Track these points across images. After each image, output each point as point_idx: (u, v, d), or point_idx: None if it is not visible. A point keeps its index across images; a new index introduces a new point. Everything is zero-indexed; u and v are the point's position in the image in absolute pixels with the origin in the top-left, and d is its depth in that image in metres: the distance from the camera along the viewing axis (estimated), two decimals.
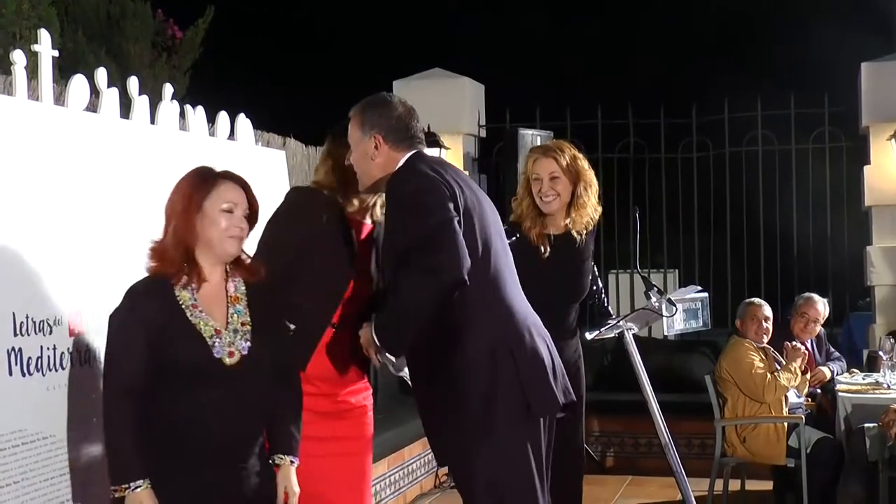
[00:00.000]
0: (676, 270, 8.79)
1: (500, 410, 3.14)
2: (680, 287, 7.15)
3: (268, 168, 4.68)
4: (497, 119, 8.65)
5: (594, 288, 4.54)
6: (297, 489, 3.03)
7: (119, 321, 2.87)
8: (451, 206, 3.08)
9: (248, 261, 3.02)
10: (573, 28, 13.56)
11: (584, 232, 4.28)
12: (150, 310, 2.84)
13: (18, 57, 3.27)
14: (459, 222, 3.07)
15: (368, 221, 3.48)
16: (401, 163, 3.22)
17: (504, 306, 3.21)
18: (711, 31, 13.25)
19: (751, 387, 5.53)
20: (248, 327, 2.94)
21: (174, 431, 2.83)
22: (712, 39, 13.13)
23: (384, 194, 3.30)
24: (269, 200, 4.57)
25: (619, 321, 4.40)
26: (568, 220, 4.23)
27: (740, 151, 8.32)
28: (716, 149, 8.40)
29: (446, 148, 8.09)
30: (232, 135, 4.51)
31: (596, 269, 4.55)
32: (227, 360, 2.87)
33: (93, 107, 3.61)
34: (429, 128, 8.05)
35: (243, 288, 2.98)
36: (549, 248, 4.18)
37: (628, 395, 5.28)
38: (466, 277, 3.00)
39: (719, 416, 5.68)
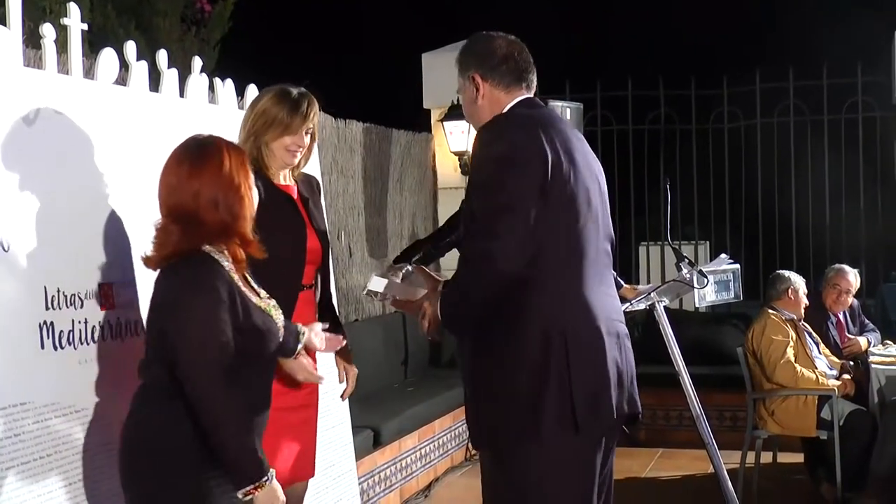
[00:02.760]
0: (707, 242, 8.73)
1: (548, 409, 2.82)
2: (711, 259, 7.11)
3: None
4: None
5: None
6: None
7: (205, 307, 2.67)
8: (536, 183, 2.78)
9: None
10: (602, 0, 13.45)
11: None
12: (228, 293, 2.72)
13: (48, 31, 3.27)
14: (543, 198, 2.77)
15: (292, 184, 3.41)
16: (508, 107, 2.98)
17: (577, 296, 2.87)
18: (741, 0, 13.10)
19: (765, 362, 5.51)
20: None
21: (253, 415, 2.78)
22: (744, 9, 12.97)
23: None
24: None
25: (648, 293, 4.37)
26: None
27: (772, 122, 8.24)
28: (747, 119, 8.32)
29: None
30: None
31: None
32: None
33: (122, 80, 3.61)
34: (458, 100, 8.02)
35: None
36: None
37: (659, 367, 5.25)
38: (516, 268, 2.77)
39: (751, 388, 5.65)
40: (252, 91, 4.37)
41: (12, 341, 2.88)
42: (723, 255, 4.90)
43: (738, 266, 4.76)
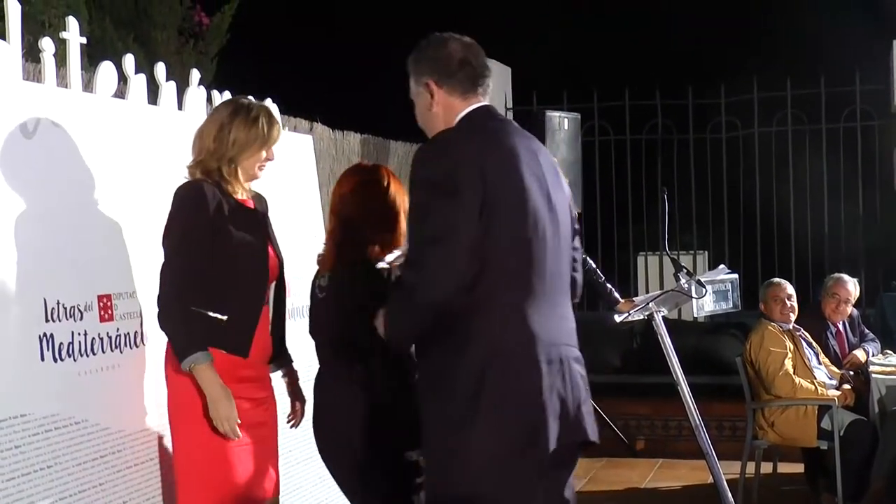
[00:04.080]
0: (706, 252, 8.74)
1: (478, 439, 2.66)
2: (709, 269, 7.12)
3: (295, 152, 4.68)
4: (524, 101, 8.62)
5: (586, 269, 4.43)
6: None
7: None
8: (470, 210, 2.61)
9: None
10: (599, 9, 13.47)
11: None
12: None
13: (47, 44, 3.28)
14: (482, 222, 2.62)
15: (248, 198, 3.33)
16: (461, 115, 2.82)
17: (518, 323, 2.70)
18: (738, 9, 13.13)
19: (763, 374, 5.51)
20: None
21: None
22: (741, 18, 13.00)
23: None
24: (297, 185, 4.58)
25: (647, 303, 4.37)
26: None
27: (770, 132, 8.25)
28: (745, 129, 8.34)
29: None
30: None
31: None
32: None
33: (121, 93, 3.62)
34: None
35: None
36: None
37: (657, 377, 5.29)
38: (445, 297, 2.63)
39: (750, 398, 5.64)
40: None
41: (12, 353, 2.88)
42: (721, 266, 4.92)
43: (736, 276, 4.77)
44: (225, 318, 3.13)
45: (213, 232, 3.12)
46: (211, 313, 3.11)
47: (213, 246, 3.12)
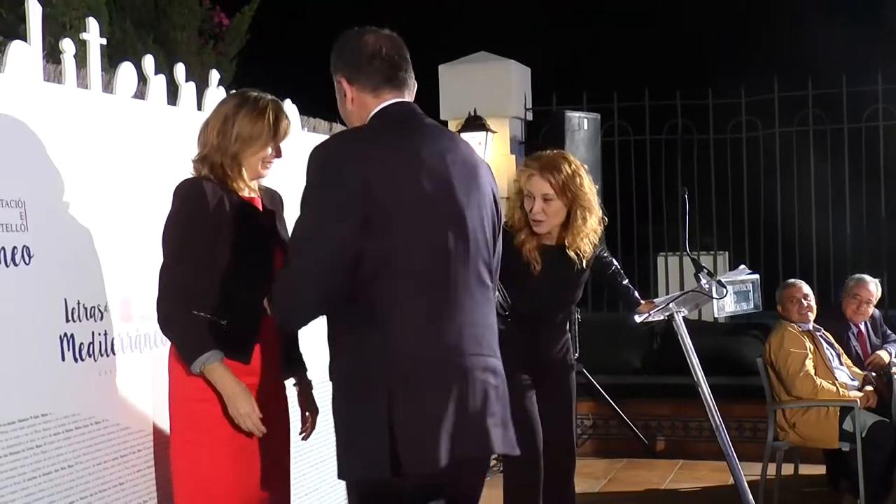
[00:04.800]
0: (726, 252, 8.69)
1: (363, 446, 2.59)
2: (730, 269, 7.08)
3: None
4: (544, 102, 8.59)
5: (610, 271, 4.43)
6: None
7: None
8: (350, 213, 2.53)
9: None
10: (619, 9, 13.44)
11: (584, 258, 4.04)
12: None
13: (68, 45, 3.30)
14: (369, 226, 2.53)
15: (257, 196, 3.21)
16: (372, 114, 2.71)
17: (416, 330, 2.60)
18: (759, 8, 13.08)
19: (783, 375, 5.48)
20: None
21: None
22: (761, 17, 12.95)
23: None
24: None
25: (667, 303, 4.35)
26: (564, 235, 4.00)
27: (791, 131, 8.20)
28: (765, 129, 8.29)
29: (493, 132, 8.05)
30: None
31: (606, 250, 4.37)
32: None
33: (140, 94, 3.64)
34: (475, 111, 8.02)
35: None
36: (539, 265, 3.97)
37: (677, 378, 5.25)
38: (319, 297, 2.59)
39: (771, 399, 5.61)
40: None
41: (33, 353, 2.90)
42: (742, 266, 4.89)
43: (757, 276, 4.74)
44: (224, 322, 2.98)
45: (212, 232, 2.99)
46: (210, 317, 2.97)
47: (213, 247, 2.99)
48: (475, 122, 8.01)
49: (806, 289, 5.73)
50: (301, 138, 4.70)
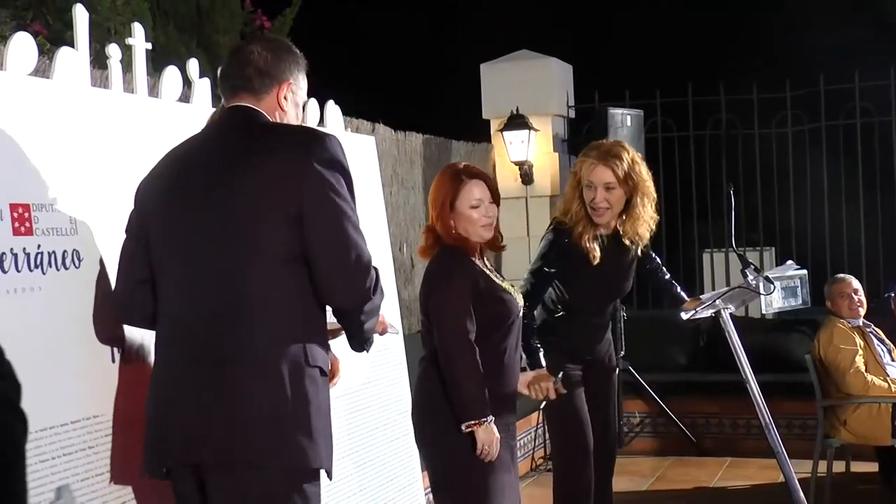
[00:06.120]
0: (773, 248, 8.60)
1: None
2: (776, 265, 7.01)
3: (358, 154, 4.69)
4: (586, 99, 8.56)
5: (650, 266, 4.43)
6: None
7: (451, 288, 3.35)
8: (136, 218, 2.80)
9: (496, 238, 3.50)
10: (660, 5, 13.36)
11: (640, 244, 4.15)
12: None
13: (114, 51, 3.34)
14: (144, 230, 2.75)
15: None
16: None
17: (168, 323, 2.74)
18: (804, 2, 12.92)
19: (833, 371, 5.41)
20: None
21: (496, 375, 3.36)
22: (808, 10, 12.80)
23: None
24: (359, 186, 4.60)
25: (713, 300, 4.31)
26: (619, 224, 4.08)
27: (837, 125, 8.10)
28: (811, 122, 8.19)
29: (535, 130, 8.04)
30: (321, 121, 4.54)
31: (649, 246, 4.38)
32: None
33: (185, 97, 3.67)
34: (517, 110, 8.01)
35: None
36: (598, 255, 4.01)
37: (724, 375, 5.19)
38: (124, 296, 2.80)
39: (820, 396, 5.55)
40: (312, 106, 4.39)
41: (84, 355, 2.93)
42: (789, 261, 4.83)
43: (805, 272, 4.69)
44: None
45: None
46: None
47: None
48: (518, 121, 8.00)
49: (856, 284, 5.66)
50: (344, 139, 4.71)
